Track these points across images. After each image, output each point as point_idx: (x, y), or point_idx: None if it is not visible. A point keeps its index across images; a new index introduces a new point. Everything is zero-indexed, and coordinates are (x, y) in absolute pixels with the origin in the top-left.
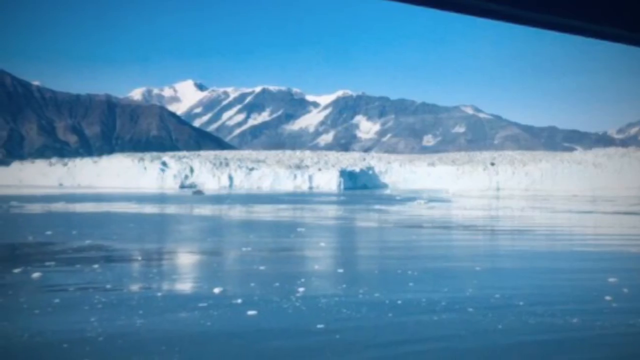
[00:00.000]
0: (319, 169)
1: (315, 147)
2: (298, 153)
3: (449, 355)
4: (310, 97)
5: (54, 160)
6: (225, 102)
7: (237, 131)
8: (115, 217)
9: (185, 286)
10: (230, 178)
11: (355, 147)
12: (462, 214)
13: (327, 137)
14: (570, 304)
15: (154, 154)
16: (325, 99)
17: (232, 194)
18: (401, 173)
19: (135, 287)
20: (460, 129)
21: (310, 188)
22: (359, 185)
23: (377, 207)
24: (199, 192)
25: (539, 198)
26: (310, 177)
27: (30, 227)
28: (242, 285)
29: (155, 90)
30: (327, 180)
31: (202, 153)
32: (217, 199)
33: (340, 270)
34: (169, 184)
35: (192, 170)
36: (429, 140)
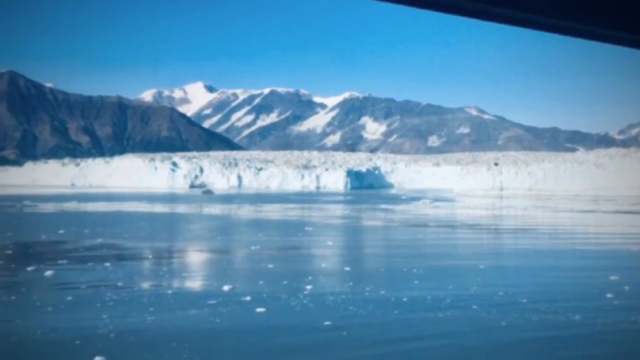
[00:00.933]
0: (326, 169)
1: (322, 148)
2: (306, 153)
3: (453, 351)
4: (317, 99)
5: (66, 160)
6: (234, 104)
7: (246, 132)
8: (126, 216)
9: (195, 284)
10: (239, 178)
11: (361, 147)
12: (467, 213)
13: (334, 138)
14: (573, 302)
15: (165, 154)
16: (332, 101)
17: (241, 194)
18: (407, 173)
19: (146, 285)
20: (464, 130)
21: (318, 188)
22: (366, 185)
23: (383, 206)
24: (208, 192)
25: (542, 197)
26: (317, 177)
27: (43, 226)
28: (250, 283)
29: (166, 92)
30: (334, 180)
31: (212, 153)
32: (226, 199)
33: (347, 269)
34: (179, 183)
35: (201, 170)
36: (434, 141)
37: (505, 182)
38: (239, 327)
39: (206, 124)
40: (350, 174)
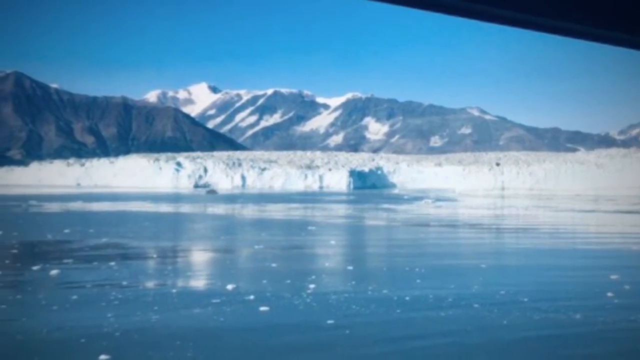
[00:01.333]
0: (329, 169)
1: (325, 148)
2: (309, 154)
3: (455, 350)
4: (320, 99)
5: (71, 160)
6: (238, 104)
7: (250, 132)
8: (131, 216)
9: (199, 283)
10: (243, 178)
11: (364, 147)
12: (468, 213)
13: (337, 138)
14: (573, 301)
15: (169, 154)
16: (335, 101)
17: (245, 194)
18: (409, 173)
19: (150, 284)
20: (466, 130)
21: (321, 187)
22: (368, 185)
23: (385, 206)
24: (212, 192)
25: (543, 197)
26: (320, 177)
27: (48, 226)
28: (254, 282)
29: (170, 93)
30: (337, 180)
31: (216, 154)
32: (230, 198)
33: (350, 268)
34: (184, 183)
35: (205, 170)
36: (436, 141)
37: (507, 182)
38: (243, 326)
39: (210, 125)
40: (353, 174)
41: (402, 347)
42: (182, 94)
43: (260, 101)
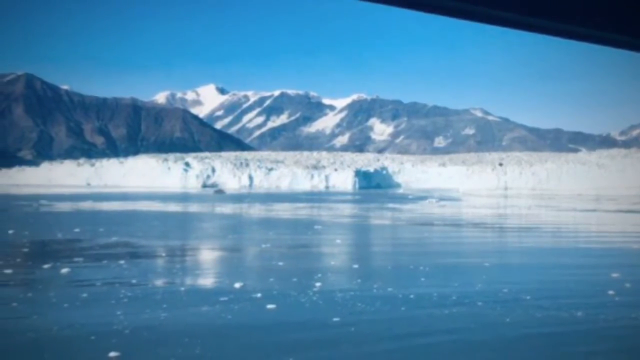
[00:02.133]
0: (335, 169)
1: (331, 148)
2: (315, 154)
3: (459, 347)
4: (326, 101)
5: (81, 160)
6: (245, 105)
7: (257, 133)
8: (141, 215)
9: (207, 281)
10: (250, 178)
11: (369, 148)
12: (472, 213)
13: (343, 139)
14: (575, 298)
15: (178, 154)
16: (341, 103)
17: (252, 193)
18: (413, 173)
19: (159, 282)
20: (469, 131)
21: (327, 187)
22: (373, 185)
23: (390, 205)
24: (220, 192)
25: (545, 197)
26: (326, 177)
27: (59, 225)
28: (261, 280)
29: (179, 94)
30: (343, 180)
31: (223, 154)
32: (238, 198)
33: (355, 266)
34: (192, 183)
35: (213, 170)
36: (440, 141)
37: (510, 182)
38: (250, 324)
39: (218, 125)
40: (359, 174)
41: (406, 345)
42: (190, 95)
43: (267, 102)
